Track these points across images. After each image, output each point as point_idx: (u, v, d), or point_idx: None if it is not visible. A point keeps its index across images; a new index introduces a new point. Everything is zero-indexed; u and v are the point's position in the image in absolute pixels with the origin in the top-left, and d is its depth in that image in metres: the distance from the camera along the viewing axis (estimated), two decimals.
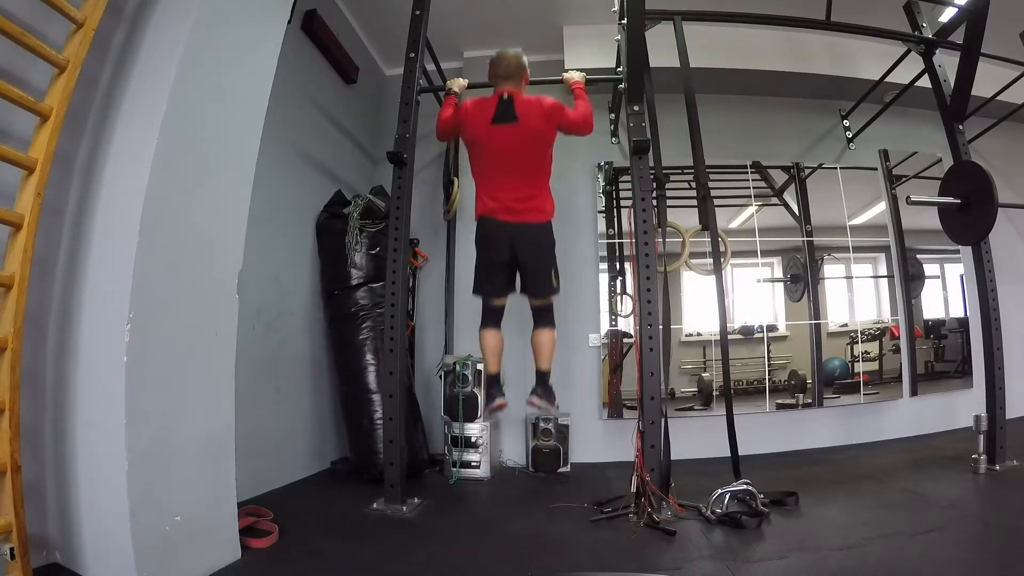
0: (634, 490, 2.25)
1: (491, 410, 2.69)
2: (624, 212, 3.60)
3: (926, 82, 3.19)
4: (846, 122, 4.01)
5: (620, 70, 2.77)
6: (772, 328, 3.75)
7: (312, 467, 3.09)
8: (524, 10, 3.59)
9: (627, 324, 3.56)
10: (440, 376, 3.29)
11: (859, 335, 3.76)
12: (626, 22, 2.50)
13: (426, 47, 2.92)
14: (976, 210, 2.82)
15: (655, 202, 2.58)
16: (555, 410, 2.66)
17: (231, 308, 1.93)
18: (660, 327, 2.36)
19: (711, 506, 2.21)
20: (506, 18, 3.66)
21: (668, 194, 2.86)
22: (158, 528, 1.58)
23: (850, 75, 3.69)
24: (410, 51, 2.77)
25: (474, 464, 3.07)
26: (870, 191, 3.92)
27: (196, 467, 1.74)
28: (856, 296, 3.84)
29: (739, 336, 3.66)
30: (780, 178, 3.85)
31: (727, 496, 2.21)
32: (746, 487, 2.24)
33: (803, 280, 3.76)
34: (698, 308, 3.69)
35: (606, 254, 3.71)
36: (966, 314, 3.91)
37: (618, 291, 3.65)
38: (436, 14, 2.95)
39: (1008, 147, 4.09)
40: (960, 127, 3.04)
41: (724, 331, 2.67)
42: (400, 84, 2.76)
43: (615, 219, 3.73)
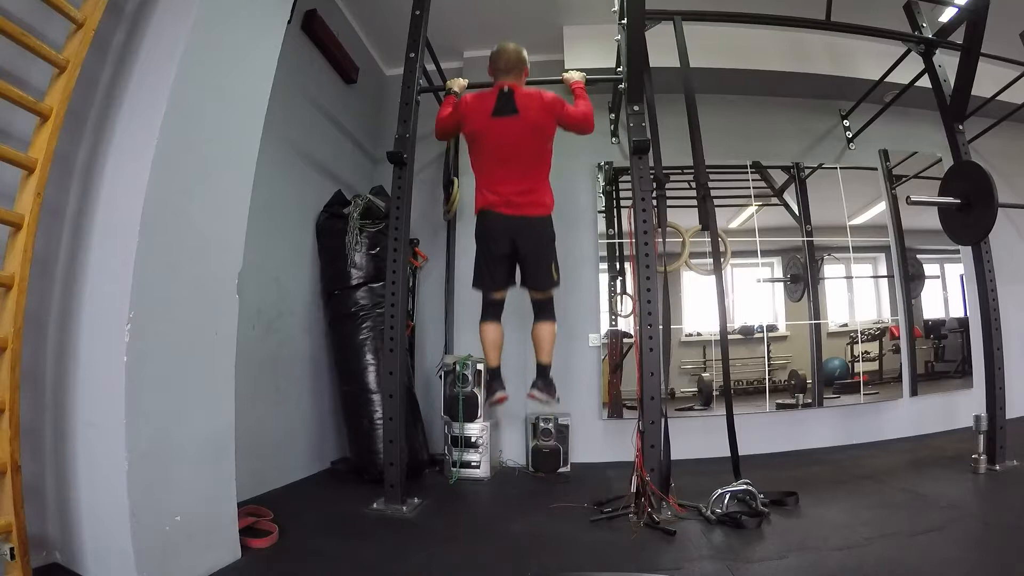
0: (634, 490, 2.26)
1: (492, 403, 2.69)
2: (624, 212, 3.60)
3: (926, 82, 3.19)
4: (846, 122, 4.01)
5: (620, 70, 2.76)
6: (772, 328, 3.75)
7: (312, 467, 3.09)
8: (524, 10, 3.59)
9: (627, 324, 3.56)
10: (440, 376, 3.29)
11: (859, 335, 3.76)
12: (626, 22, 2.51)
13: (426, 47, 2.93)
14: (976, 210, 2.82)
15: (655, 202, 2.58)
16: (556, 403, 2.66)
17: (231, 308, 1.93)
18: (660, 327, 2.36)
19: (711, 506, 2.21)
20: (506, 18, 3.66)
21: (668, 194, 2.87)
22: (158, 528, 1.58)
23: (850, 75, 3.69)
24: (410, 51, 2.78)
25: (474, 464, 3.07)
26: (870, 191, 3.92)
27: (196, 467, 1.74)
28: (856, 296, 3.84)
29: (739, 336, 3.66)
30: (780, 178, 3.85)
31: (727, 496, 2.21)
32: (746, 487, 2.24)
33: (803, 280, 3.76)
34: (698, 308, 3.69)
35: (606, 254, 3.71)
36: (966, 314, 3.91)
37: (618, 291, 3.65)
38: (436, 14, 2.96)
39: (1008, 147, 4.10)
40: (960, 127, 3.04)
41: (724, 331, 2.67)
42: (400, 84, 2.77)
43: (615, 219, 3.73)
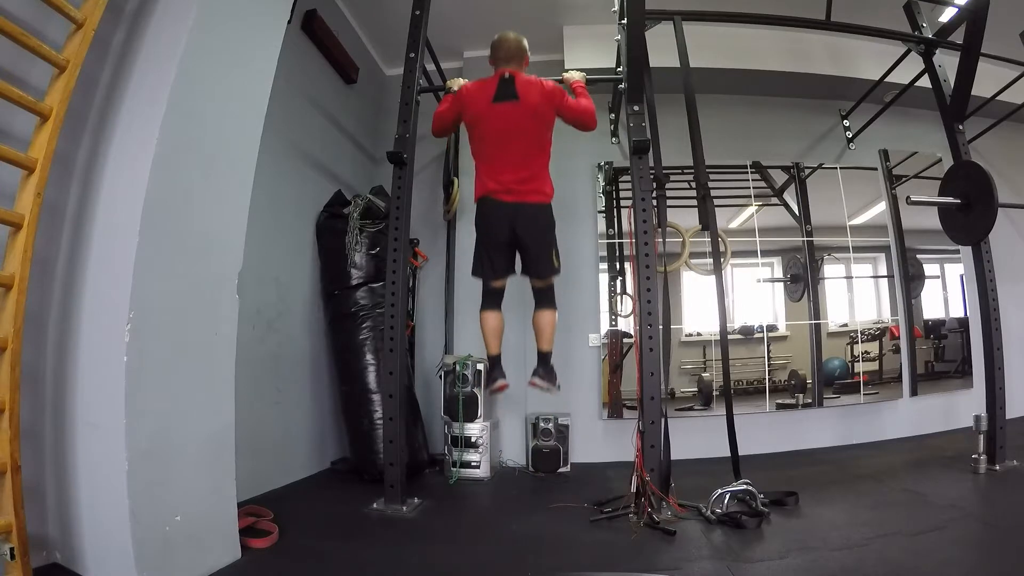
0: (634, 490, 2.25)
1: (492, 391, 2.69)
2: (624, 212, 3.59)
3: (926, 82, 3.19)
4: (846, 122, 4.01)
5: (620, 70, 2.76)
6: (772, 328, 3.75)
7: (312, 467, 3.09)
8: (524, 10, 3.59)
9: (627, 324, 3.56)
10: (440, 376, 3.28)
11: (859, 335, 3.76)
12: (626, 22, 2.51)
13: (426, 47, 2.93)
14: (976, 210, 2.82)
15: (655, 202, 2.58)
16: (557, 390, 2.65)
17: (231, 308, 1.93)
18: (660, 327, 2.36)
19: (711, 506, 2.21)
20: (506, 18, 3.63)
21: (668, 194, 2.86)
22: (158, 528, 1.58)
23: (850, 75, 3.69)
24: (410, 51, 2.78)
25: (474, 464, 3.07)
26: (870, 191, 3.92)
27: (196, 467, 1.74)
28: (856, 296, 3.84)
29: (739, 336, 3.66)
30: (780, 178, 3.85)
31: (727, 496, 2.21)
32: (746, 487, 2.24)
33: (803, 280, 3.76)
34: (698, 308, 3.69)
35: (606, 254, 3.71)
36: (966, 314, 3.91)
37: (618, 291, 3.65)
38: (436, 14, 2.96)
39: (1008, 147, 4.10)
40: (960, 127, 3.04)
41: (724, 331, 2.67)
42: (400, 84, 2.77)
43: (615, 219, 3.73)
